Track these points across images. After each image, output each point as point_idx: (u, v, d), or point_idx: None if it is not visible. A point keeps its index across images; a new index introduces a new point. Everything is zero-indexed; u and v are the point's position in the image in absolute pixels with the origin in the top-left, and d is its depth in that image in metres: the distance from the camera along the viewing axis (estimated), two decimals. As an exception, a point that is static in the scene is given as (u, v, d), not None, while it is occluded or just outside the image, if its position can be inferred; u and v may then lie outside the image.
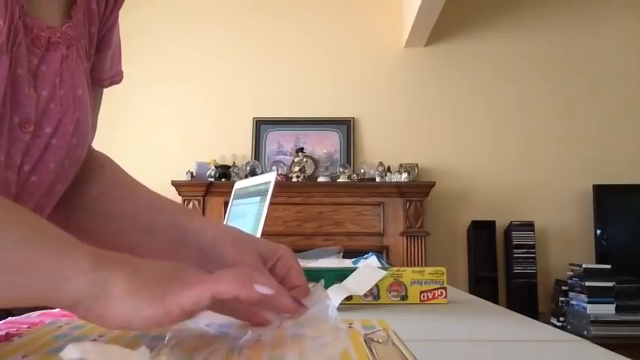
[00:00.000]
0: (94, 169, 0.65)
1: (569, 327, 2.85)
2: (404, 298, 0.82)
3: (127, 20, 1.10)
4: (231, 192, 1.45)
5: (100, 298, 0.36)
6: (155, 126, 3.43)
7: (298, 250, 0.83)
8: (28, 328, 0.56)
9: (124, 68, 0.69)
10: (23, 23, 0.49)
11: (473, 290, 3.01)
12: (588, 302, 2.75)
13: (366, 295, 0.80)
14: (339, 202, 3.12)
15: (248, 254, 0.54)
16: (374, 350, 0.42)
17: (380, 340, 0.45)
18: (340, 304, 0.71)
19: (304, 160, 3.26)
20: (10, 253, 0.35)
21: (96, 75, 0.63)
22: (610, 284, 2.77)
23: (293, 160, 3.27)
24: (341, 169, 3.24)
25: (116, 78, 0.67)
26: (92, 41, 0.60)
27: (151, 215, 0.60)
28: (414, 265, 2.95)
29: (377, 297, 0.81)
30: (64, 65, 0.53)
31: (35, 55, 0.51)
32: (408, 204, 3.12)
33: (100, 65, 0.63)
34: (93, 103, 0.65)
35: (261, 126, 3.43)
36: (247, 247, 0.55)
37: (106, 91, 0.68)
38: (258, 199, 1.19)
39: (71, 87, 0.54)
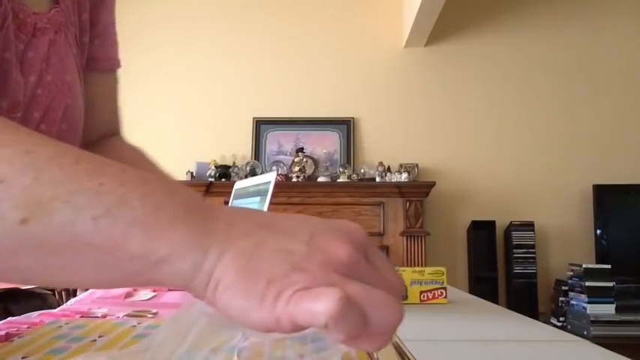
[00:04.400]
0: (123, 161, 0.65)
1: (569, 327, 2.85)
2: (404, 298, 0.82)
3: (126, 19, 1.10)
4: (231, 192, 1.44)
5: (208, 285, 0.30)
6: (155, 126, 3.42)
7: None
8: (28, 328, 0.56)
9: (124, 68, 0.69)
10: (10, 9, 0.48)
11: (473, 290, 3.01)
12: (588, 302, 2.75)
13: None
14: (339, 202, 3.12)
15: None
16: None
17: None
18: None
19: (304, 160, 3.26)
20: (86, 229, 0.29)
21: (90, 57, 0.63)
22: (610, 284, 2.77)
23: (293, 160, 3.27)
24: (341, 169, 3.24)
25: (110, 63, 0.67)
26: (84, 29, 0.60)
27: None
28: (414, 265, 2.95)
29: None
30: (51, 51, 0.53)
31: (21, 40, 0.50)
32: (408, 204, 3.12)
33: (90, 46, 0.63)
34: (101, 90, 0.65)
35: (261, 126, 3.43)
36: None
37: None
38: (258, 199, 1.18)
39: (59, 73, 0.54)
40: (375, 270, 0.31)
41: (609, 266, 2.85)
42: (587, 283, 2.77)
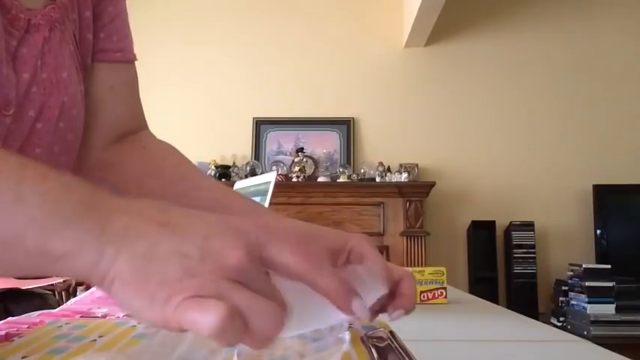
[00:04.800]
0: (155, 160, 0.63)
1: (569, 327, 2.85)
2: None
3: (127, 20, 1.09)
4: (231, 192, 1.44)
5: (104, 281, 0.31)
6: (155, 126, 3.40)
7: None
8: (28, 328, 0.56)
9: None
10: (1, 3, 0.48)
11: (473, 290, 3.01)
12: (588, 302, 2.75)
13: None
14: (339, 202, 3.12)
15: (314, 253, 0.50)
16: (373, 350, 0.42)
17: (380, 341, 0.45)
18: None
19: (304, 160, 3.26)
20: None
21: (95, 49, 0.62)
22: (610, 284, 2.77)
23: (293, 160, 3.27)
24: (341, 169, 3.24)
25: (121, 55, 0.65)
26: (88, 26, 0.59)
27: (218, 212, 0.56)
28: (414, 265, 2.95)
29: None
30: (45, 48, 0.52)
31: (14, 36, 0.49)
32: (408, 204, 3.12)
33: (96, 38, 0.62)
34: (114, 82, 0.63)
35: (261, 126, 3.43)
36: (314, 244, 0.49)
37: None
38: (258, 199, 1.19)
39: (55, 70, 0.53)
40: (263, 275, 0.32)
41: (609, 266, 2.85)
42: (587, 283, 2.77)
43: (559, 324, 2.92)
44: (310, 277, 0.34)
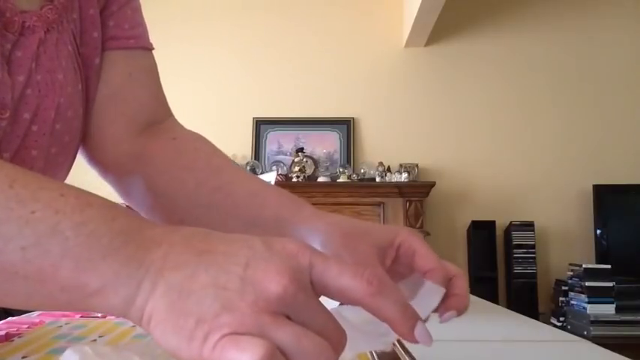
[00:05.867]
0: (187, 153, 0.61)
1: (569, 327, 2.85)
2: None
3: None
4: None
5: (142, 319, 0.29)
6: (155, 126, 3.42)
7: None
8: (28, 328, 0.56)
9: None
10: None
11: (473, 290, 2.98)
12: (588, 302, 2.75)
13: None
14: (339, 202, 3.12)
15: (362, 252, 0.46)
16: (373, 351, 0.42)
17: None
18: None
19: (304, 160, 3.26)
20: (15, 259, 0.28)
21: (106, 36, 0.60)
22: (610, 284, 2.77)
23: (293, 160, 3.27)
24: (341, 169, 3.24)
25: (135, 42, 0.63)
26: (94, 25, 0.59)
27: (254, 209, 0.54)
28: (414, 265, 2.95)
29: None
30: (41, 50, 0.52)
31: (8, 39, 0.49)
32: (408, 204, 3.12)
33: (105, 26, 0.60)
34: (130, 69, 0.61)
35: (261, 126, 3.43)
36: (360, 242, 0.47)
37: None
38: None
39: (49, 71, 0.52)
40: (315, 303, 0.30)
41: (609, 266, 2.85)
42: (587, 283, 2.77)
43: (559, 324, 2.92)
44: (373, 303, 0.31)
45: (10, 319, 0.62)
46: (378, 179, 3.19)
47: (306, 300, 0.29)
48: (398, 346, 0.44)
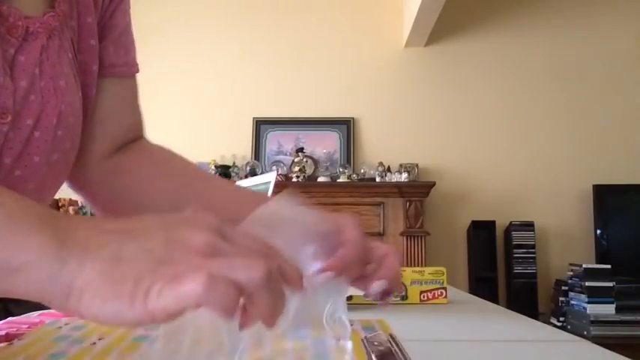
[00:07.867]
0: (163, 164, 0.66)
1: (569, 327, 2.85)
2: (404, 298, 0.82)
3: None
4: (231, 192, 1.44)
5: (70, 296, 0.29)
6: (154, 126, 3.42)
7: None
8: (28, 328, 0.56)
9: None
10: None
11: (473, 290, 3.01)
12: (588, 302, 2.75)
13: (366, 295, 0.80)
14: (339, 202, 3.12)
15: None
16: (372, 353, 0.42)
17: (379, 343, 0.45)
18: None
19: (304, 160, 3.26)
20: None
21: (105, 64, 0.63)
22: (610, 284, 2.77)
23: (293, 160, 3.27)
24: (341, 169, 3.24)
25: (128, 69, 0.67)
26: (90, 32, 0.59)
27: (231, 211, 0.56)
28: (414, 266, 2.95)
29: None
30: (44, 56, 0.52)
31: (11, 44, 0.49)
32: (408, 204, 3.12)
33: (105, 52, 0.63)
34: (121, 95, 0.65)
35: (261, 126, 3.43)
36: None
37: None
38: (258, 199, 1.18)
39: (52, 78, 0.53)
40: (235, 245, 0.32)
41: (609, 266, 2.85)
42: (587, 283, 2.77)
43: (559, 324, 2.92)
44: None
45: (10, 319, 0.62)
46: (378, 179, 3.19)
47: (226, 245, 0.32)
48: (395, 346, 0.44)
